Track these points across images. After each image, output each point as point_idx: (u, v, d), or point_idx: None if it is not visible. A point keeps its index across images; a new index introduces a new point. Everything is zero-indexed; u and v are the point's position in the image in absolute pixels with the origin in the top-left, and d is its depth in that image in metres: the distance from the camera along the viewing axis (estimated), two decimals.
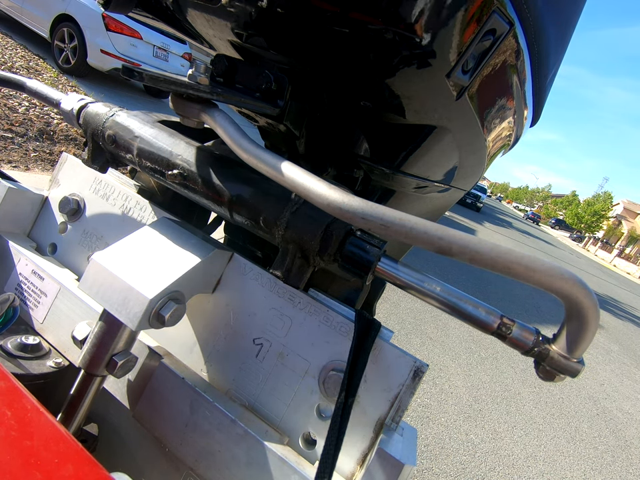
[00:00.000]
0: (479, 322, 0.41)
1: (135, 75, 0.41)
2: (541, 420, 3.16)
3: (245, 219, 0.51)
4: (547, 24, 0.51)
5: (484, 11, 0.42)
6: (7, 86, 0.67)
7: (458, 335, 4.01)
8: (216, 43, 0.61)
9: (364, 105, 0.56)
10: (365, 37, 0.44)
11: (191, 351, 0.58)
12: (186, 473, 0.53)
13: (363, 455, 0.49)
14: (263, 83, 0.52)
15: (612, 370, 5.20)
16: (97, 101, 0.62)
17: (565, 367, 0.39)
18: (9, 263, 0.65)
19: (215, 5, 0.48)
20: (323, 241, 0.45)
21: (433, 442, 2.36)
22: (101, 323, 0.49)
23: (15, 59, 5.36)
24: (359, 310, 0.51)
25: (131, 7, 0.58)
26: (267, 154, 0.42)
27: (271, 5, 0.44)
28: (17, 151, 3.34)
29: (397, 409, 0.48)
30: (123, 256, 0.49)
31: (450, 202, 0.93)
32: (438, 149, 0.63)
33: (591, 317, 0.35)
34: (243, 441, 0.48)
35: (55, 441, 0.29)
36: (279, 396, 0.53)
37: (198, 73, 0.47)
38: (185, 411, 0.51)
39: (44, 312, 0.61)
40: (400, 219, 0.36)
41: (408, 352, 0.49)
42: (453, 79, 0.47)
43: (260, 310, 0.55)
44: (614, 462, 3.01)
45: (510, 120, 0.66)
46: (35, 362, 0.55)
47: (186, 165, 0.53)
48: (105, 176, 0.67)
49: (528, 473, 2.48)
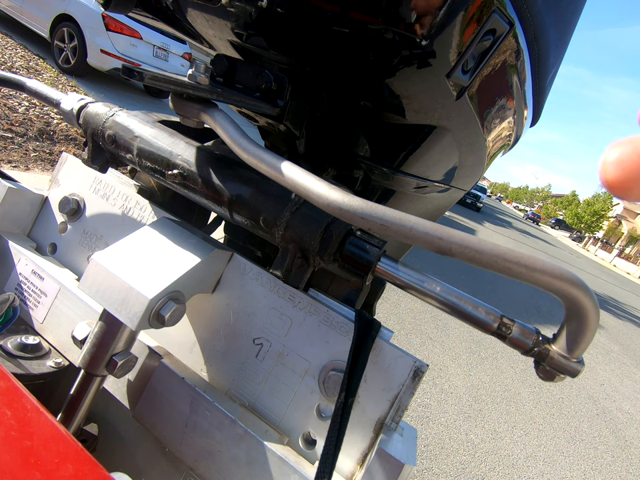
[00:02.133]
0: (478, 322, 0.41)
1: (134, 74, 0.41)
2: (541, 420, 3.16)
3: (244, 219, 0.51)
4: (547, 24, 0.51)
5: (484, 11, 0.42)
6: (6, 86, 0.67)
7: (458, 334, 4.01)
8: (216, 42, 0.61)
9: (364, 105, 0.56)
10: (365, 37, 0.44)
11: (191, 351, 0.58)
12: (186, 473, 0.53)
13: (362, 454, 0.49)
14: (262, 82, 0.52)
15: (612, 370, 5.20)
16: (96, 101, 0.62)
17: (565, 367, 0.39)
18: (9, 263, 0.65)
19: (215, 5, 0.48)
20: (322, 241, 0.45)
21: (433, 442, 2.36)
22: (101, 322, 0.49)
23: (15, 58, 5.36)
24: (358, 310, 0.51)
25: (131, 6, 0.58)
26: (267, 154, 0.42)
27: (271, 4, 0.44)
28: (17, 150, 3.34)
29: (396, 408, 0.48)
30: (123, 256, 0.49)
31: (450, 202, 0.93)
32: (438, 149, 0.63)
33: (590, 317, 0.35)
34: (243, 441, 0.48)
35: (55, 441, 0.29)
36: (278, 396, 0.53)
37: (198, 73, 0.47)
38: (185, 410, 0.51)
39: (44, 312, 0.61)
40: (400, 218, 0.36)
41: (408, 352, 0.49)
42: (453, 78, 0.47)
43: (260, 310, 0.55)
44: (614, 462, 3.01)
45: (510, 120, 0.66)
46: (34, 362, 0.55)
47: (186, 164, 0.53)
48: (105, 176, 0.67)
49: (528, 473, 2.48)
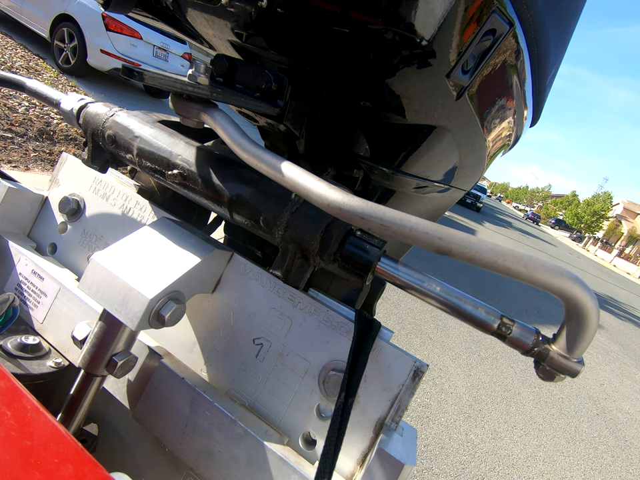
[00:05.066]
0: (478, 322, 0.41)
1: (134, 74, 0.41)
2: (541, 420, 3.16)
3: (244, 219, 0.51)
4: (546, 24, 0.51)
5: (484, 11, 0.42)
6: (6, 86, 0.67)
7: (458, 334, 4.01)
8: (216, 42, 0.61)
9: (364, 105, 0.56)
10: (365, 37, 0.44)
11: (191, 351, 0.58)
12: (186, 473, 0.53)
13: (362, 455, 0.49)
14: (262, 82, 0.52)
15: (612, 370, 5.20)
16: (96, 101, 0.62)
17: (565, 367, 0.39)
18: (9, 263, 0.65)
19: (215, 5, 0.48)
20: (322, 241, 0.45)
21: (433, 442, 2.36)
22: (101, 323, 0.49)
23: (15, 58, 5.36)
24: (358, 310, 0.51)
25: (131, 6, 0.58)
26: (267, 154, 0.42)
27: (271, 4, 0.44)
28: (17, 150, 3.34)
29: (396, 408, 0.48)
30: (123, 256, 0.49)
31: (450, 202, 0.93)
32: (438, 149, 0.63)
33: (590, 317, 0.35)
34: (243, 441, 0.48)
35: (55, 441, 0.29)
36: (278, 396, 0.53)
37: (198, 73, 0.47)
38: (185, 410, 0.51)
39: (44, 312, 0.61)
40: (400, 219, 0.36)
41: (408, 352, 0.49)
42: (453, 78, 0.47)
43: (260, 310, 0.55)
44: (614, 462, 3.01)
45: (510, 120, 0.66)
46: (34, 362, 0.55)
47: (186, 165, 0.53)
48: (105, 176, 0.67)
49: (528, 473, 2.48)
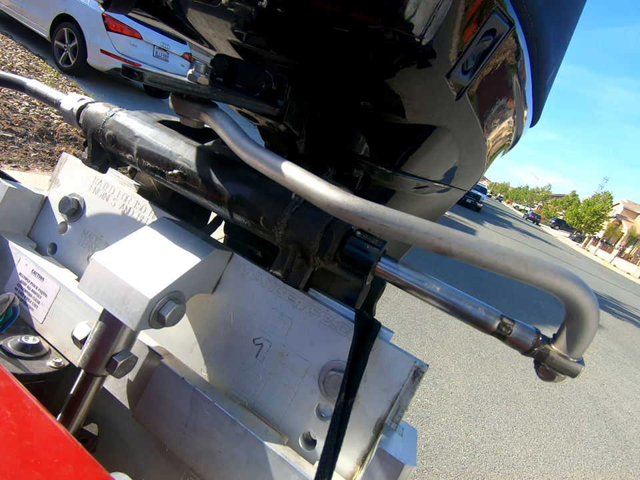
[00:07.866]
0: (478, 322, 0.41)
1: (134, 74, 0.41)
2: (541, 420, 3.16)
3: (244, 219, 0.51)
4: (546, 24, 0.51)
5: (484, 11, 0.42)
6: (6, 86, 0.67)
7: (458, 334, 4.01)
8: (216, 42, 0.61)
9: (364, 105, 0.56)
10: (365, 37, 0.44)
11: (191, 351, 0.58)
12: (186, 473, 0.53)
13: (362, 455, 0.49)
14: (262, 82, 0.52)
15: (612, 370, 5.20)
16: (96, 101, 0.62)
17: (565, 367, 0.39)
18: (9, 263, 0.65)
19: (215, 5, 0.48)
20: (322, 241, 0.45)
21: (433, 442, 2.36)
22: (101, 322, 0.49)
23: (15, 58, 5.36)
24: (359, 310, 0.51)
25: (131, 6, 0.58)
26: (267, 154, 0.42)
27: (271, 4, 0.44)
28: (17, 150, 3.34)
29: (396, 409, 0.48)
30: (123, 256, 0.49)
31: (450, 202, 0.93)
32: (438, 149, 0.63)
33: (590, 317, 0.35)
34: (243, 441, 0.48)
35: (55, 441, 0.29)
36: (278, 396, 0.53)
37: (198, 73, 0.47)
38: (185, 410, 0.51)
39: (44, 312, 0.61)
40: (400, 218, 0.36)
41: (408, 352, 0.49)
42: (453, 78, 0.47)
43: (260, 310, 0.55)
44: (614, 462, 3.01)
45: (510, 120, 0.66)
46: (34, 362, 0.55)
47: (186, 165, 0.53)
48: (105, 176, 0.67)
49: (528, 473, 2.48)
